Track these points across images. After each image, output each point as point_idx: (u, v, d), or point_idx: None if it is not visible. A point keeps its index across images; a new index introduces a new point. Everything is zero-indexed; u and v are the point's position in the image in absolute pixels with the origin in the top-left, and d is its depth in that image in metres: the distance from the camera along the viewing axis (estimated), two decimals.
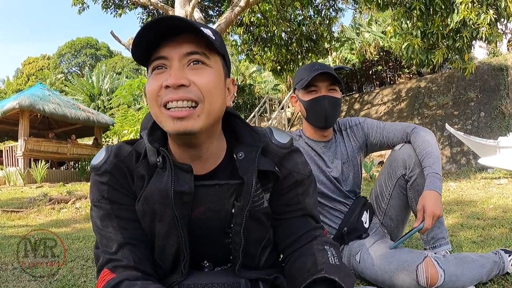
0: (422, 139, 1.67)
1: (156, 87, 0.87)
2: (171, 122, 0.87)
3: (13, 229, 4.13)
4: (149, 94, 0.89)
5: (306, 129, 1.85)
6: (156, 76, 0.89)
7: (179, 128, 0.86)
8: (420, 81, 13.53)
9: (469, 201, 3.92)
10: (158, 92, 0.87)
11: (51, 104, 12.91)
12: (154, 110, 0.89)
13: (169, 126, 0.87)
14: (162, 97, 0.87)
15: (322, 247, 1.00)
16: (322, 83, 1.70)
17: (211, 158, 0.98)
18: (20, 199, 6.88)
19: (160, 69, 0.89)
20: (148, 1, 8.47)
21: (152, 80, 0.89)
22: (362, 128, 1.84)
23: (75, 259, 2.42)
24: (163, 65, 0.88)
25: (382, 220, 1.82)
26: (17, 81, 40.44)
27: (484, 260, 1.53)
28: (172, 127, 0.87)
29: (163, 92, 0.87)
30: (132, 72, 32.34)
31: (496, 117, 10.79)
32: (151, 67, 0.90)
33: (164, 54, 0.88)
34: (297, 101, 1.80)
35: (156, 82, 0.88)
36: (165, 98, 0.86)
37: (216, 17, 10.90)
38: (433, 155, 1.61)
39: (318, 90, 1.71)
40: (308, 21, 9.74)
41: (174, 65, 0.87)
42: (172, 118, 0.86)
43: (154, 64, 0.89)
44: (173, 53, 0.88)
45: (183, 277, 0.98)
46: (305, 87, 1.71)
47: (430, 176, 1.56)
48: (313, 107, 1.72)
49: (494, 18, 5.40)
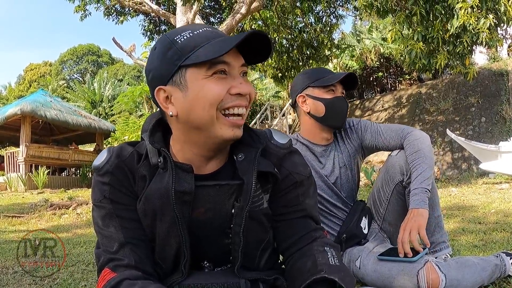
0: (413, 148, 1.63)
1: (224, 91, 0.89)
2: (230, 129, 0.92)
3: (14, 234, 4.13)
4: (211, 99, 0.88)
5: (308, 130, 1.80)
6: (219, 80, 0.89)
7: (237, 135, 0.93)
8: (421, 87, 13.56)
9: (470, 206, 3.91)
10: (223, 97, 0.89)
11: (52, 110, 12.95)
12: (211, 114, 0.89)
13: (226, 132, 0.91)
14: (225, 101, 0.89)
15: (322, 248, 1.01)
16: (339, 85, 1.72)
17: (216, 159, 0.99)
18: (21, 205, 6.88)
19: (223, 74, 0.89)
20: (150, 8, 8.53)
21: (214, 84, 0.89)
22: (356, 130, 1.81)
23: (76, 264, 2.42)
24: (225, 71, 0.90)
25: (381, 225, 1.81)
26: (19, 87, 40.61)
27: (485, 263, 1.52)
28: (231, 134, 0.92)
29: (228, 98, 0.90)
30: (133, 79, 32.46)
31: (497, 122, 10.79)
32: (212, 70, 0.88)
33: (228, 61, 0.89)
34: (306, 100, 1.75)
35: (222, 87, 0.89)
36: (232, 103, 0.90)
37: (217, 24, 10.96)
38: (422, 166, 1.58)
39: (335, 91, 1.72)
40: (309, 28, 9.79)
41: (237, 74, 0.91)
42: (231, 126, 0.91)
43: (217, 67, 0.88)
44: (236, 62, 0.91)
45: (183, 277, 0.98)
46: (326, 85, 1.70)
47: (413, 193, 1.55)
48: (335, 106, 1.70)
49: (494, 23, 5.42)
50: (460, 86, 12.27)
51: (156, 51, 0.92)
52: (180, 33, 0.91)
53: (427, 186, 1.54)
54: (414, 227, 1.46)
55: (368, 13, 6.98)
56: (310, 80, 1.74)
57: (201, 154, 0.97)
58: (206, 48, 0.88)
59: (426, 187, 1.54)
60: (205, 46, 0.88)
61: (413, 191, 1.56)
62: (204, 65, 0.88)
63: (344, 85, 1.74)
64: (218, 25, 10.51)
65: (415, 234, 1.46)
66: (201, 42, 0.88)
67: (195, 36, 0.90)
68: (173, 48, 0.89)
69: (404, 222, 1.51)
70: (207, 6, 11.13)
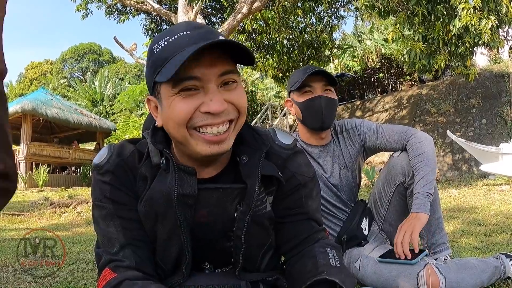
0: (416, 151, 1.62)
1: (191, 111, 0.82)
2: (206, 146, 0.85)
3: (14, 232, 4.14)
4: (178, 118, 0.83)
5: (302, 133, 1.81)
6: (187, 98, 0.82)
7: (215, 151, 0.86)
8: (422, 88, 13.54)
9: (470, 208, 3.90)
10: (191, 116, 0.83)
11: (53, 108, 12.98)
12: (182, 133, 0.84)
13: (202, 149, 0.85)
14: (196, 120, 0.83)
15: (324, 249, 1.00)
16: (317, 83, 1.67)
17: (219, 163, 0.97)
18: (22, 203, 6.89)
19: (192, 90, 0.82)
20: (151, 7, 8.53)
21: (182, 103, 0.82)
22: (358, 131, 1.78)
23: (75, 262, 2.42)
24: (195, 86, 0.82)
25: (382, 225, 1.80)
26: (20, 86, 40.67)
27: (485, 265, 1.52)
28: (208, 151, 0.85)
29: (199, 116, 0.83)
30: (134, 78, 32.51)
31: (497, 123, 10.78)
32: (178, 87, 0.82)
33: (196, 74, 0.81)
34: (293, 105, 1.76)
35: (190, 105, 0.82)
36: (203, 122, 0.83)
37: (219, 24, 10.96)
38: (425, 169, 1.57)
39: (313, 90, 1.68)
40: (310, 29, 9.78)
41: (212, 89, 0.82)
42: (207, 142, 0.84)
43: (184, 84, 0.81)
44: (208, 73, 0.82)
45: (184, 278, 0.97)
46: (299, 88, 1.68)
47: (415, 197, 1.55)
48: (309, 108, 1.68)
49: (495, 24, 5.42)
50: (461, 88, 12.26)
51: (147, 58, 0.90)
52: (158, 41, 0.85)
53: (429, 190, 1.55)
54: (409, 229, 1.47)
55: (369, 14, 6.98)
56: (290, 85, 1.74)
57: (194, 162, 0.94)
58: (173, 61, 0.80)
59: (428, 191, 1.54)
60: (175, 57, 0.80)
61: (416, 194, 1.56)
62: (170, 82, 0.82)
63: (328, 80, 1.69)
64: (219, 25, 10.51)
65: (408, 236, 1.46)
66: (173, 53, 0.81)
67: (169, 44, 0.82)
68: (151, 60, 0.86)
69: (401, 224, 1.53)
70: (209, 5, 11.12)
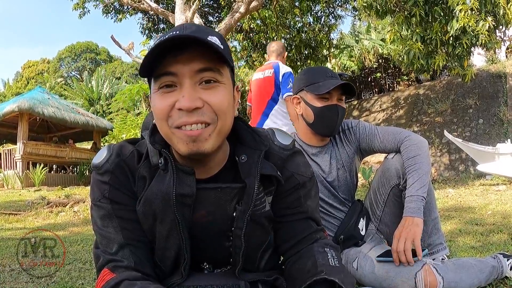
0: (410, 154, 1.61)
1: (167, 107, 0.84)
2: (184, 144, 0.85)
3: (10, 232, 4.12)
4: (158, 114, 0.85)
5: (303, 133, 1.81)
6: (165, 95, 0.84)
7: (192, 149, 0.85)
8: (419, 88, 13.57)
9: (467, 207, 3.92)
10: (169, 113, 0.84)
11: (50, 107, 12.91)
12: (165, 130, 0.87)
13: (182, 148, 0.86)
14: (174, 118, 0.84)
15: (323, 249, 1.00)
16: (336, 91, 1.67)
17: (215, 163, 0.97)
18: (18, 202, 6.85)
19: (169, 87, 0.84)
20: (148, 6, 8.51)
21: (160, 99, 0.85)
22: (354, 132, 1.79)
23: (72, 262, 2.41)
24: (172, 82, 0.84)
25: (378, 226, 1.81)
26: (16, 85, 40.44)
27: (482, 265, 1.53)
28: (186, 149, 0.85)
29: (175, 114, 0.84)
30: (131, 77, 32.43)
31: (494, 124, 10.82)
32: (158, 84, 0.84)
33: (173, 70, 0.83)
34: (300, 103, 1.75)
35: (166, 102, 0.84)
36: (178, 121, 0.84)
37: (216, 23, 10.94)
38: (419, 172, 1.57)
39: (330, 98, 1.68)
40: (307, 28, 9.78)
41: (186, 84, 0.83)
42: (185, 139, 0.84)
43: (162, 80, 0.84)
44: (184, 69, 0.83)
45: (183, 278, 0.97)
46: (319, 93, 1.66)
47: (409, 200, 1.55)
48: (324, 115, 1.68)
49: (492, 25, 5.44)
50: (458, 88, 12.30)
51: None
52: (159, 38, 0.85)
53: (423, 193, 1.54)
54: (409, 237, 1.46)
55: (367, 14, 6.99)
56: (305, 84, 1.72)
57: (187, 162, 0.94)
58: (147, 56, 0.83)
59: (422, 195, 1.54)
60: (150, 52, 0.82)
61: (409, 197, 1.55)
62: (151, 78, 0.85)
63: (343, 89, 1.69)
64: (216, 24, 10.50)
65: (410, 244, 1.46)
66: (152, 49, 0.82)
67: (159, 43, 0.82)
68: None
69: (398, 230, 1.51)
70: (206, 5, 11.11)
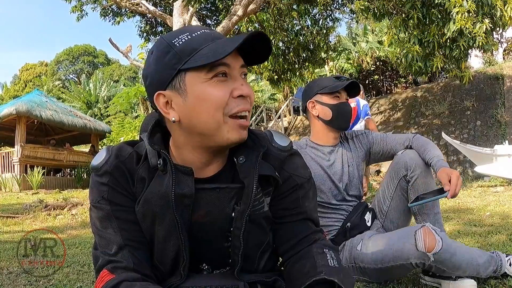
0: (423, 141, 1.84)
1: (226, 96, 0.87)
2: (237, 132, 0.90)
3: (8, 235, 4.11)
4: (215, 103, 0.87)
5: (319, 132, 1.96)
6: (221, 83, 0.87)
7: (243, 137, 0.91)
8: (417, 91, 13.63)
9: (466, 209, 3.93)
10: (227, 101, 0.88)
11: (48, 110, 12.90)
12: (217, 118, 0.88)
13: (233, 135, 0.90)
14: (231, 106, 0.88)
15: (322, 250, 1.00)
16: (344, 92, 1.92)
17: (216, 162, 0.98)
18: (16, 205, 6.84)
19: (223, 76, 0.88)
20: (146, 9, 8.53)
21: (217, 88, 0.87)
22: (367, 136, 1.99)
23: (71, 265, 2.41)
24: (225, 73, 0.88)
25: (383, 222, 1.90)
26: (14, 87, 40.37)
27: (481, 252, 1.61)
28: (238, 137, 0.90)
29: (233, 102, 0.88)
30: (129, 80, 32.41)
31: (492, 125, 10.86)
32: (212, 72, 0.87)
33: (229, 62, 0.88)
34: (315, 106, 1.93)
35: (224, 90, 0.87)
36: (238, 108, 0.88)
37: (214, 26, 10.95)
38: (436, 150, 1.77)
39: (340, 96, 1.91)
40: (305, 31, 9.79)
41: (238, 76, 0.90)
42: (240, 128, 0.90)
43: (218, 69, 0.87)
44: (235, 63, 0.89)
45: (182, 279, 0.97)
46: (332, 92, 1.89)
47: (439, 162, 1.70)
48: (341, 110, 1.90)
49: (489, 27, 5.47)
50: (456, 90, 12.35)
51: (154, 55, 0.90)
52: (177, 36, 0.88)
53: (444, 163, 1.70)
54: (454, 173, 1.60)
55: (364, 17, 7.02)
56: (318, 88, 1.93)
57: (201, 158, 0.95)
58: (205, 50, 0.85)
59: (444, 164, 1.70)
60: (204, 48, 0.86)
61: (435, 158, 1.72)
62: (204, 68, 0.86)
63: (347, 91, 1.93)
64: (214, 27, 10.51)
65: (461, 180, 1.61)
66: (200, 45, 0.86)
67: (193, 38, 0.87)
68: (172, 52, 0.87)
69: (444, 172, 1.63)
70: (204, 8, 11.12)
